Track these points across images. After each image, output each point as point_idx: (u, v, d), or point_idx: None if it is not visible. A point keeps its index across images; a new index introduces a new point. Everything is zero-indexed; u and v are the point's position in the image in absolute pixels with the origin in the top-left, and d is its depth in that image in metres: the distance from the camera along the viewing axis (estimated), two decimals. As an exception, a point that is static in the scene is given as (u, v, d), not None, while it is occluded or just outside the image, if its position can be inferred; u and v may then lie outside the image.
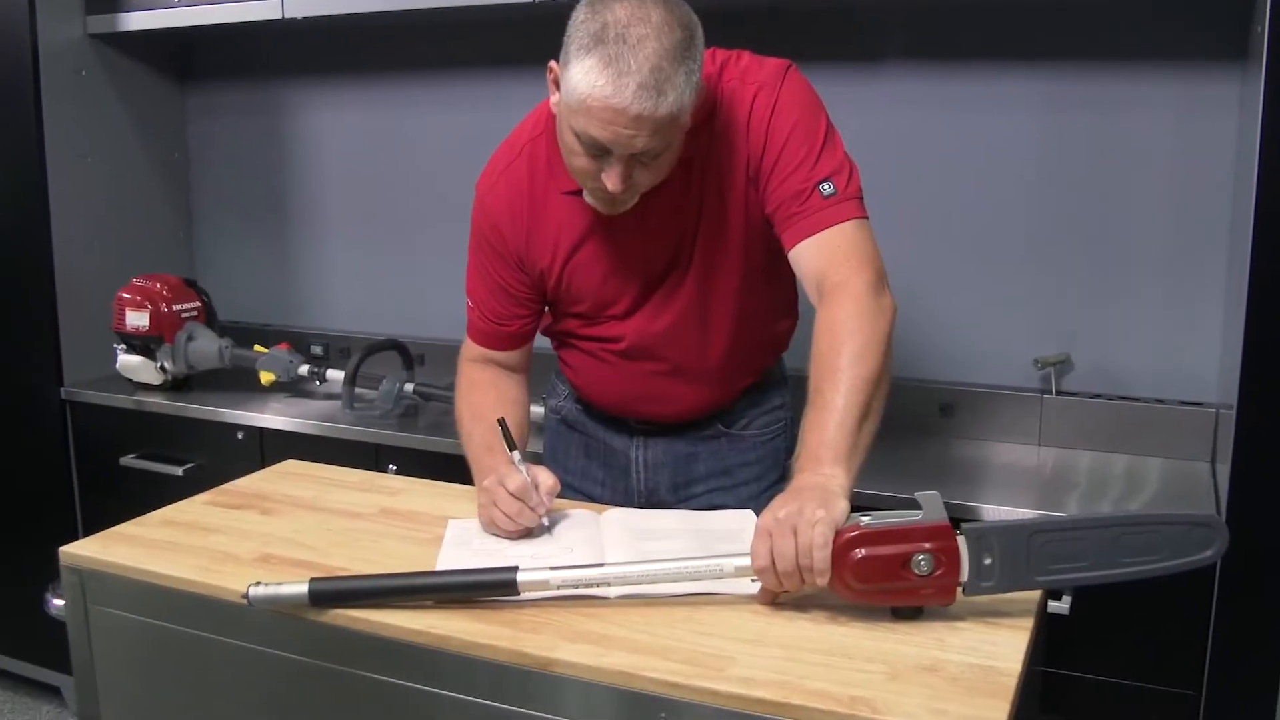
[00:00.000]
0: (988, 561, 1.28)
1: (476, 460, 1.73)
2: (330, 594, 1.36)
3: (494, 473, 1.61)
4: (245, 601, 1.37)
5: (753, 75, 1.65)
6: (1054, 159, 2.48)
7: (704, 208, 1.68)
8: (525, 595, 1.36)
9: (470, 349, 1.87)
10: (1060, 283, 2.52)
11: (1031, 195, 2.52)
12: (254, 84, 3.36)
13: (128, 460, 2.95)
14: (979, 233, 2.58)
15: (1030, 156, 2.51)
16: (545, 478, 1.60)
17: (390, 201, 3.23)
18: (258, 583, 1.37)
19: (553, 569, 1.35)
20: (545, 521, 1.61)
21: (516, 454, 1.63)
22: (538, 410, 2.14)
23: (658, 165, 1.55)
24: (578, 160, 1.55)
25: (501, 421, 1.66)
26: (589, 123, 1.47)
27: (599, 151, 1.51)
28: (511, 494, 1.57)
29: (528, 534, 1.60)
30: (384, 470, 2.56)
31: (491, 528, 1.60)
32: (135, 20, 3.01)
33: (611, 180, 1.53)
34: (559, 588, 1.35)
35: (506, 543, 1.58)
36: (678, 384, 1.82)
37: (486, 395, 1.81)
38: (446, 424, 2.51)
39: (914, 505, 1.29)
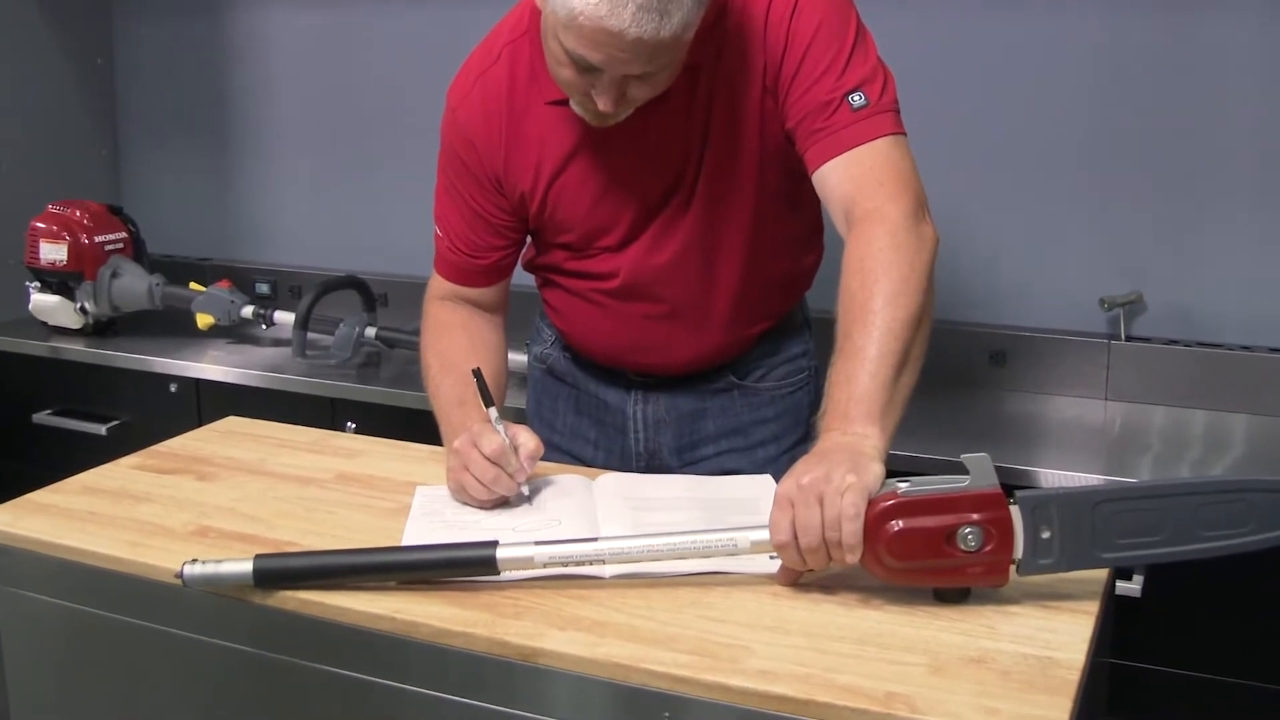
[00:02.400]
0: (1046, 535, 1.28)
1: (446, 416, 1.73)
2: (278, 573, 1.36)
3: (466, 431, 1.60)
4: (179, 582, 1.36)
5: (771, -32, 1.62)
6: (1121, 66, 2.46)
7: (712, 122, 1.66)
8: (506, 575, 1.35)
9: (438, 285, 1.86)
10: (1129, 210, 2.51)
11: (1095, 108, 2.50)
12: (187, -23, 3.33)
13: (42, 417, 2.96)
14: (1034, 152, 2.56)
15: (1093, 63, 2.49)
16: (527, 439, 1.60)
17: (349, 115, 3.21)
18: (194, 560, 1.37)
19: (538, 544, 1.35)
20: (525, 490, 1.61)
21: (493, 410, 1.62)
22: (519, 358, 2.13)
23: (656, 81, 1.54)
24: (564, 72, 1.54)
25: (477, 372, 1.65)
26: (579, 43, 1.46)
27: (589, 68, 1.50)
28: (486, 458, 1.56)
29: (505, 504, 1.60)
30: (341, 429, 2.56)
31: (462, 495, 1.60)
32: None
33: (604, 102, 1.52)
34: (546, 566, 1.35)
35: (484, 514, 1.58)
36: (679, 329, 1.81)
37: (457, 340, 1.80)
38: (413, 374, 2.50)
39: (960, 470, 1.28)
